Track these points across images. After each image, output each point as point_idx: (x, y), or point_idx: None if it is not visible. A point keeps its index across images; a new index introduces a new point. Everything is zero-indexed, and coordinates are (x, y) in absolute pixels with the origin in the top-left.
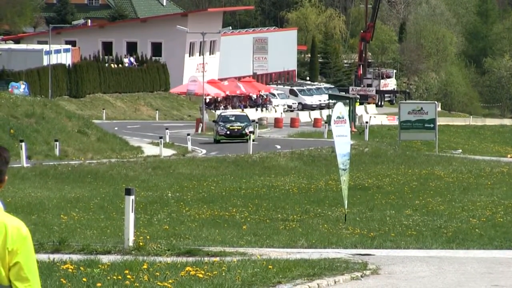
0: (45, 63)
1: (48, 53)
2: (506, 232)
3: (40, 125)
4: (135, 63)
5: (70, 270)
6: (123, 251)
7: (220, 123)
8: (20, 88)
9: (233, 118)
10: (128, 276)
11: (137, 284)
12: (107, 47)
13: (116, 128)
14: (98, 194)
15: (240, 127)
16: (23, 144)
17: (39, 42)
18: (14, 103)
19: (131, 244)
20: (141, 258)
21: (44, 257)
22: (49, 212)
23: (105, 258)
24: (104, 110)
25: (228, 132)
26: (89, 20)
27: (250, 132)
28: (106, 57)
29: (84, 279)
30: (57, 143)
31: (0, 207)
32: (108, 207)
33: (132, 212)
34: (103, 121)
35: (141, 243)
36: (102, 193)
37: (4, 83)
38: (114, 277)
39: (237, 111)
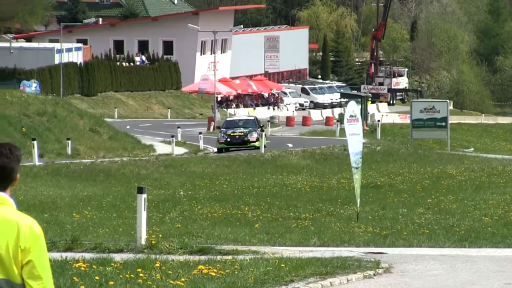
0: (56, 61)
1: (60, 51)
2: None
3: (52, 123)
4: (146, 61)
5: (82, 268)
6: (135, 249)
7: (222, 129)
8: (31, 87)
9: (238, 124)
10: (141, 275)
11: (150, 283)
12: (119, 45)
13: (128, 127)
14: (110, 193)
15: (242, 133)
16: (35, 142)
17: (51, 41)
18: (26, 102)
19: (143, 242)
20: (153, 257)
21: (56, 255)
22: (62, 210)
23: (118, 257)
24: (116, 109)
25: (228, 139)
26: (100, 19)
27: (253, 139)
28: (117, 55)
29: (97, 278)
30: (69, 141)
31: (12, 205)
32: (120, 205)
33: (144, 210)
34: (115, 119)
35: (153, 242)
36: (114, 191)
37: (16, 82)
38: (127, 276)
39: (245, 116)
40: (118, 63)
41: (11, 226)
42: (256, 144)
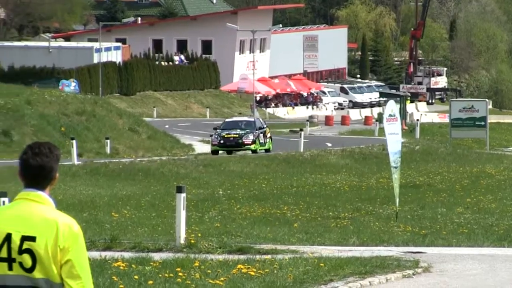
0: (95, 61)
1: (98, 50)
2: None
3: (91, 122)
4: (185, 60)
5: (121, 267)
6: (174, 248)
7: (218, 130)
8: (70, 86)
9: (236, 125)
10: (180, 274)
11: (189, 282)
12: (157, 45)
13: (167, 126)
14: (149, 192)
15: (237, 135)
16: (74, 141)
17: (89, 40)
18: (64, 101)
19: (182, 241)
20: (192, 256)
21: (95, 254)
22: (101, 209)
23: (157, 256)
24: (155, 108)
25: (222, 141)
26: (139, 18)
27: (248, 142)
28: (156, 55)
29: (136, 277)
30: (108, 140)
31: (51, 204)
32: (159, 204)
33: (183, 209)
34: (153, 119)
35: (192, 241)
36: (153, 190)
37: (55, 81)
38: (166, 275)
39: (246, 117)
40: (157, 63)
41: (50, 226)
42: (252, 147)
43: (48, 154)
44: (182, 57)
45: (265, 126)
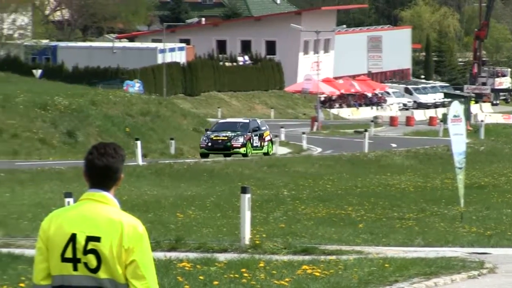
0: (159, 61)
1: (163, 51)
2: None
3: (156, 123)
4: (249, 61)
5: (186, 268)
6: (239, 249)
7: (207, 132)
8: (134, 87)
9: (227, 126)
10: (245, 274)
11: (254, 282)
12: (221, 45)
13: None
14: (214, 192)
15: (225, 138)
16: (138, 142)
17: (153, 41)
18: (129, 102)
19: (247, 242)
20: (257, 256)
21: (160, 255)
22: (165, 210)
23: (222, 256)
24: (219, 109)
25: (209, 144)
26: (203, 19)
27: (237, 145)
28: (220, 55)
29: (201, 277)
30: (173, 141)
31: (116, 205)
32: (224, 205)
33: (248, 210)
34: (218, 119)
35: (257, 242)
36: (218, 191)
37: (119, 82)
38: (231, 275)
39: (241, 118)
40: (221, 63)
41: (115, 226)
42: (241, 150)
43: (114, 154)
44: (246, 57)
45: (264, 128)
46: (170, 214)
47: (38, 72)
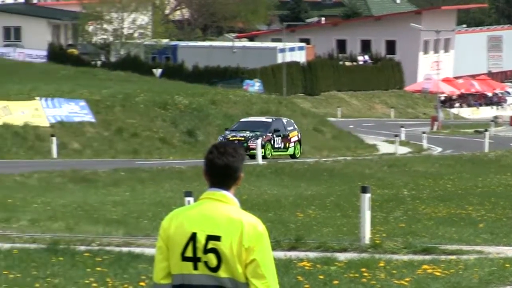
0: (279, 61)
1: (282, 51)
2: None
3: None
4: (369, 61)
5: (306, 267)
6: (359, 248)
7: (226, 131)
8: (254, 86)
9: (248, 126)
10: (365, 274)
11: (374, 282)
12: (341, 45)
13: (351, 126)
14: (333, 192)
15: (242, 138)
16: (258, 141)
17: (273, 40)
18: (249, 101)
19: (367, 242)
20: (377, 256)
21: (280, 254)
22: (285, 209)
23: (342, 256)
24: (339, 108)
25: None
26: (323, 18)
27: (254, 146)
28: (340, 55)
29: (321, 277)
30: None
31: (236, 204)
32: (344, 205)
33: (368, 210)
34: (338, 119)
35: (377, 241)
36: (337, 191)
37: (239, 81)
38: (351, 275)
39: (264, 117)
40: (340, 63)
41: (235, 225)
42: (253, 151)
43: (234, 154)
44: (366, 57)
45: (290, 128)
46: (290, 214)
47: (158, 72)
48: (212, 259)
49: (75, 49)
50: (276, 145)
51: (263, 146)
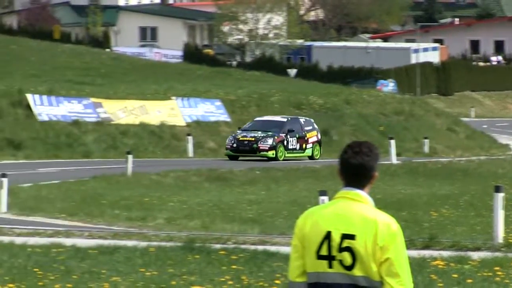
0: (412, 61)
1: (416, 51)
2: None
3: (409, 122)
4: (502, 61)
5: (440, 266)
6: (492, 247)
7: (237, 131)
8: (388, 86)
9: (261, 125)
10: (498, 273)
11: (507, 281)
12: (474, 45)
13: (484, 126)
14: (467, 191)
15: (252, 139)
16: (392, 141)
17: (407, 41)
18: (383, 101)
19: (500, 241)
20: (510, 255)
21: (414, 253)
22: (419, 208)
23: (475, 255)
24: (473, 108)
25: (235, 145)
26: (456, 19)
27: (264, 148)
28: (473, 55)
29: (455, 275)
30: (426, 140)
31: (370, 203)
32: (477, 204)
33: (501, 209)
34: (471, 119)
35: (510, 240)
36: (471, 190)
37: (373, 81)
38: (484, 274)
39: (279, 116)
40: (474, 63)
41: (370, 224)
42: (269, 154)
43: (368, 153)
44: (500, 57)
45: (308, 128)
46: (424, 213)
47: (292, 72)
48: (347, 257)
49: (211, 49)
50: (290, 146)
51: (274, 148)
